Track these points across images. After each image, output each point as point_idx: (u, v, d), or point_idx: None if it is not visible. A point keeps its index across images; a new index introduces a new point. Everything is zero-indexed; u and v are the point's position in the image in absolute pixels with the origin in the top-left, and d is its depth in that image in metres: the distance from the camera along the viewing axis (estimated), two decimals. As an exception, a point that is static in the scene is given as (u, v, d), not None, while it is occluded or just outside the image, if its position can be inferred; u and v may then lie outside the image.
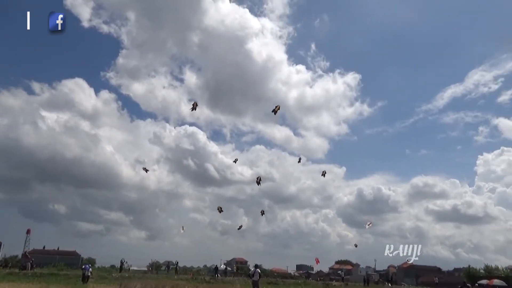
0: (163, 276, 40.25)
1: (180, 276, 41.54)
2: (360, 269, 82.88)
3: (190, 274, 48.26)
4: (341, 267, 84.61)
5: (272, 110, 20.65)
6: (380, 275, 71.75)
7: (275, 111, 20.57)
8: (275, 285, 35.92)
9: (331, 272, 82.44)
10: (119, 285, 25.32)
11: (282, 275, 59.60)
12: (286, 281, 43.24)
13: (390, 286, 14.99)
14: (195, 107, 20.82)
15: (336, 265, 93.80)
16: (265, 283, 34.50)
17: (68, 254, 79.06)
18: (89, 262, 57.14)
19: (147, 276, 38.27)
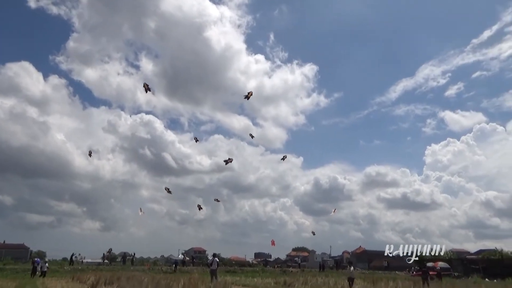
0: (118, 267, 39.28)
1: (136, 267, 40.76)
2: (316, 255, 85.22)
3: (147, 265, 47.49)
4: (297, 254, 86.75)
5: (245, 96, 20.45)
6: (335, 261, 74.15)
7: (247, 97, 20.38)
8: (233, 273, 36.18)
9: (288, 259, 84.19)
10: (71, 278, 24.42)
11: (240, 263, 60.01)
12: (244, 269, 43.68)
13: (352, 269, 15.98)
14: (147, 89, 20.15)
15: (293, 252, 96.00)
16: (223, 271, 34.67)
17: (16, 248, 75.03)
18: (38, 255, 54.63)
19: (101, 268, 37.15)
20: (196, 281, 15.72)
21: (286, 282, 21.99)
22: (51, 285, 19.98)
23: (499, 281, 26.19)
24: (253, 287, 19.10)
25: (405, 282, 21.21)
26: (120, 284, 17.24)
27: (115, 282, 18.55)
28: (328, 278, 25.47)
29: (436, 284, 21.57)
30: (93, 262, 49.24)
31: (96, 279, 19.73)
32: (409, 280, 23.35)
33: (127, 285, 16.30)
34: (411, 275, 40.89)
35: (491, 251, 57.02)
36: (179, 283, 14.90)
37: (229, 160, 20.80)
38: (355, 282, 19.57)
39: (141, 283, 15.96)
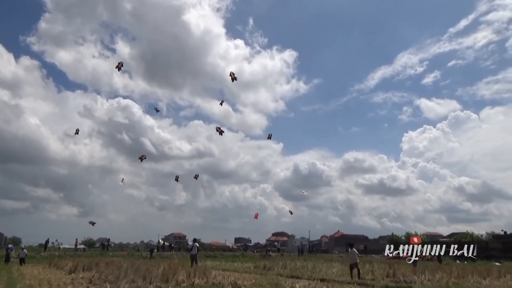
0: (97, 253, 38.91)
1: (116, 253, 40.48)
2: (295, 240, 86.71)
3: (127, 250, 47.23)
4: (277, 239, 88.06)
5: (232, 78, 20.16)
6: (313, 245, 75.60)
7: (233, 78, 20.11)
8: (213, 258, 36.42)
9: (268, 244, 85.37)
10: (48, 265, 24.05)
11: (220, 248, 60.51)
12: (224, 254, 44.02)
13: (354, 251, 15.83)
14: (120, 67, 19.70)
15: (273, 237, 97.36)
16: (204, 256, 34.85)
17: (-10, 234, 73.35)
18: (13, 241, 53.55)
19: (79, 254, 36.71)
20: (176, 266, 15.71)
21: (266, 266, 22.29)
22: (27, 271, 19.64)
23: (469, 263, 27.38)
24: (233, 271, 19.26)
25: (380, 265, 21.79)
26: (98, 269, 17.08)
27: (93, 268, 18.37)
28: (306, 262, 25.95)
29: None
30: (70, 248, 48.67)
31: (74, 265, 19.48)
32: (384, 263, 24.00)
33: (105, 270, 16.16)
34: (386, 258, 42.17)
35: (462, 234, 59.34)
36: (159, 269, 14.86)
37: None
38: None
39: (120, 269, 15.85)
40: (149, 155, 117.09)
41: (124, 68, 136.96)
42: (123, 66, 19.80)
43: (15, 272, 19.19)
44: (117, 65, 19.74)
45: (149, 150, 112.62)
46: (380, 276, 17.31)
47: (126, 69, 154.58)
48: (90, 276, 15.32)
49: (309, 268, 21.35)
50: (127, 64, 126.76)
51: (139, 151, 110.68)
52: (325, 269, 21.09)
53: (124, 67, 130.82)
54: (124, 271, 14.85)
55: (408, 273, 16.95)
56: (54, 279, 14.99)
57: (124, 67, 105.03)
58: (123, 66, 19.44)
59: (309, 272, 19.40)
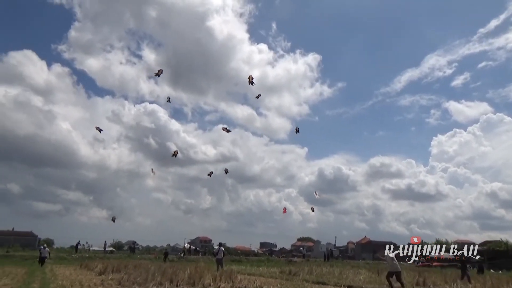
0: (125, 256, 39.79)
1: (143, 256, 41.26)
2: (321, 245, 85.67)
3: (154, 253, 48.03)
4: (302, 244, 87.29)
5: (249, 82, 20.33)
6: (340, 251, 74.60)
7: (250, 82, 20.26)
8: (239, 262, 36.49)
9: (293, 249, 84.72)
10: (79, 266, 24.77)
11: (245, 253, 60.58)
12: (249, 258, 44.05)
13: (393, 257, 13.93)
14: (159, 74, 20.20)
15: (298, 242, 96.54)
16: (229, 261, 34.97)
17: (24, 235, 76.06)
18: (46, 243, 55.41)
19: (108, 256, 37.64)
20: (202, 269, 15.86)
21: (291, 271, 22.13)
22: (59, 272, 20.30)
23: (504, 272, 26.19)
24: (258, 276, 19.23)
25: (410, 272, 21.23)
26: (127, 271, 17.44)
27: (122, 270, 18.77)
28: (333, 268, 25.60)
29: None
30: (99, 250, 49.97)
31: (104, 267, 19.98)
32: (413, 270, 23.39)
33: (134, 272, 16.49)
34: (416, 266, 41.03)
35: (496, 242, 56.91)
36: (185, 272, 15.04)
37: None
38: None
39: (148, 271, 16.14)
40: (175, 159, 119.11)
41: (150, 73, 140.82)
42: (162, 73, 20.32)
43: (48, 273, 19.87)
44: (157, 72, 20.24)
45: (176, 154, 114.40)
46: (410, 284, 16.88)
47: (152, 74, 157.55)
48: (119, 278, 15.68)
49: (336, 275, 21.04)
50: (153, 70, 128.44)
51: (165, 155, 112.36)
52: (352, 275, 20.72)
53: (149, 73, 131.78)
54: (152, 274, 15.10)
55: (439, 281, 16.46)
56: (85, 280, 15.42)
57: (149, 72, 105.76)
58: (160, 73, 19.94)
59: (336, 278, 19.12)
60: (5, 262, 28.85)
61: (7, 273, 17.99)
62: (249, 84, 20.61)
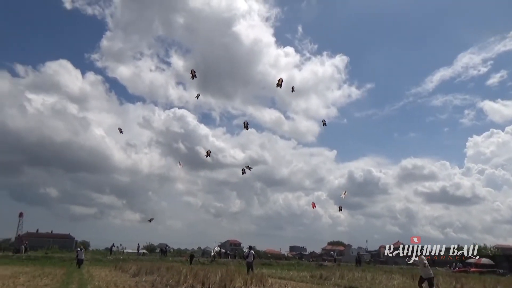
0: (157, 258, 40.59)
1: (175, 258, 41.94)
2: (352, 249, 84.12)
3: (185, 256, 48.69)
4: (333, 248, 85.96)
5: (277, 85, 20.35)
6: (371, 255, 72.94)
7: (279, 84, 20.27)
8: (269, 266, 36.41)
9: (324, 253, 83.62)
10: (114, 267, 25.50)
11: (275, 256, 60.33)
12: (279, 262, 43.87)
13: (425, 263, 12.65)
14: (194, 75, 20.54)
15: (329, 246, 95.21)
16: (259, 264, 34.97)
17: (62, 237, 79.11)
18: (83, 245, 57.30)
19: (141, 258, 38.51)
20: (233, 273, 15.94)
21: (322, 275, 21.87)
22: (96, 273, 20.98)
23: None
24: (289, 280, 19.14)
25: (446, 278, 20.50)
26: (160, 274, 17.78)
27: (155, 272, 19.15)
28: (365, 273, 25.07)
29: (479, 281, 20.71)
30: (133, 252, 51.21)
31: (137, 269, 20.48)
32: (450, 276, 22.57)
33: (166, 275, 16.80)
34: (453, 271, 39.53)
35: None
36: (216, 275, 15.16)
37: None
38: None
39: (180, 273, 16.38)
40: (204, 163, 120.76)
41: (179, 79, 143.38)
42: (195, 73, 20.66)
43: (85, 274, 20.56)
44: (191, 72, 20.61)
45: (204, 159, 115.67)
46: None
47: (181, 80, 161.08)
48: (152, 280, 16.05)
49: (368, 279, 20.60)
50: (181, 75, 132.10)
51: (194, 159, 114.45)
52: (385, 281, 20.23)
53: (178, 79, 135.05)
54: (184, 276, 15.32)
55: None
56: (120, 282, 15.87)
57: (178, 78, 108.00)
58: (193, 73, 20.29)
59: (368, 283, 18.75)
60: (45, 263, 30.09)
61: (47, 274, 18.75)
62: (277, 86, 20.57)
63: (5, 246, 59.83)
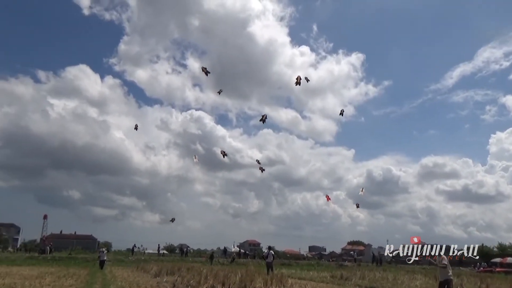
0: (177, 258, 41.03)
1: (195, 258, 42.33)
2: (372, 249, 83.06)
3: (204, 256, 49.08)
4: (353, 248, 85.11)
5: (295, 83, 20.25)
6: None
7: (298, 82, 20.16)
8: (288, 266, 36.34)
9: (344, 253, 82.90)
10: (135, 268, 25.92)
11: (295, 257, 60.19)
12: (299, 262, 43.73)
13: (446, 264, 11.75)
14: (206, 72, 20.70)
15: (348, 246, 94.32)
16: (279, 264, 34.95)
17: (85, 238, 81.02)
18: (105, 246, 58.43)
19: (162, 259, 39.00)
20: (252, 273, 15.97)
21: (343, 276, 21.69)
22: (118, 273, 21.37)
23: None
24: (309, 280, 19.06)
25: (470, 278, 20.06)
26: (180, 274, 17.98)
27: (176, 272, 19.38)
28: (386, 273, 24.74)
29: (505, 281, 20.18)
30: (154, 253, 51.94)
31: (159, 269, 20.77)
32: (474, 276, 22.06)
33: (187, 275, 16.97)
34: (477, 271, 38.63)
35: None
36: (236, 275, 15.23)
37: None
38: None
39: (200, 274, 16.53)
40: (222, 164, 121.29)
41: (195, 81, 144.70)
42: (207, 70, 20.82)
43: (108, 274, 20.98)
44: (203, 69, 20.79)
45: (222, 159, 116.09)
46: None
47: (197, 82, 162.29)
48: (173, 280, 16.25)
49: (390, 280, 20.33)
50: (197, 77, 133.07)
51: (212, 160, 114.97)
52: (407, 281, 19.93)
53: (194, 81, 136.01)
54: (204, 277, 15.45)
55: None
56: (142, 282, 16.14)
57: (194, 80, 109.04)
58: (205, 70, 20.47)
59: (390, 284, 18.51)
60: (69, 263, 30.83)
61: (72, 274, 19.20)
62: (296, 84, 20.44)
63: (31, 247, 61.70)
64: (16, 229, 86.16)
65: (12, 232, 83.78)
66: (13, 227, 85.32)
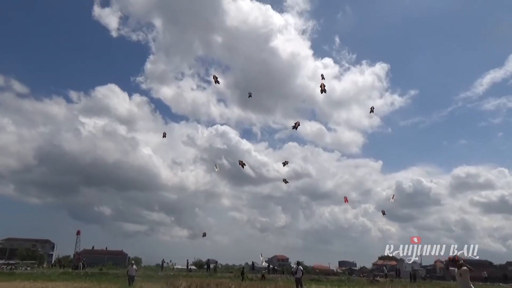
0: (206, 274, 41.04)
1: (223, 274, 42.20)
2: (405, 264, 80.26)
3: (233, 272, 48.84)
4: (385, 263, 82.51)
5: (321, 91, 20.22)
6: (427, 270, 69.26)
7: (323, 90, 20.12)
8: (318, 282, 35.58)
9: (375, 268, 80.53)
10: (165, 284, 26.08)
11: (324, 272, 58.99)
12: (329, 277, 42.76)
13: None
14: (216, 80, 21.05)
15: (380, 261, 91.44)
16: (308, 280, 34.28)
17: (116, 254, 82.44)
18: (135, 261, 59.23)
19: (191, 274, 39.12)
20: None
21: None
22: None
23: None
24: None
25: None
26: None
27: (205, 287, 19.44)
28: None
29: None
30: (183, 268, 52.16)
31: (188, 285, 20.86)
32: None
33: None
34: None
35: None
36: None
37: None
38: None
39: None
40: (248, 178, 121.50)
41: (220, 97, 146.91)
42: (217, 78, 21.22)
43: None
44: (214, 78, 21.15)
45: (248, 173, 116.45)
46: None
47: (222, 98, 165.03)
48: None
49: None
50: (222, 94, 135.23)
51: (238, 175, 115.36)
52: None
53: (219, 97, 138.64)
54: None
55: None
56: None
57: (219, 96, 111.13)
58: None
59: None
60: (101, 279, 31.39)
61: (104, 290, 19.55)
62: (321, 92, 20.42)
63: (65, 263, 63.36)
64: (51, 245, 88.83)
65: (47, 248, 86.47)
66: (48, 243, 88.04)
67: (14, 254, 72.60)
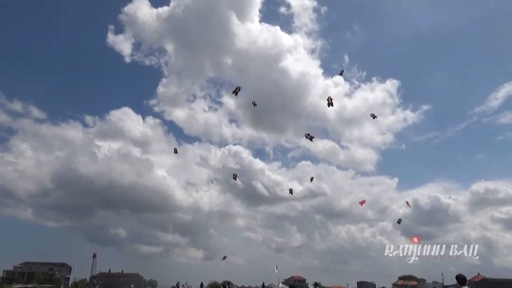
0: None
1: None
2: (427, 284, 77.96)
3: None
4: (405, 283, 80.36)
5: (328, 104, 20.29)
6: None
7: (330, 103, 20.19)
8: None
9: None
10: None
11: (343, 293, 57.63)
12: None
13: None
14: (237, 92, 21.33)
15: (400, 281, 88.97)
16: (327, 302, 33.52)
17: (132, 276, 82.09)
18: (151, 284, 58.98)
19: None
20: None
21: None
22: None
23: None
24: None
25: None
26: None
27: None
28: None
29: None
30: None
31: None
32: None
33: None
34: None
35: None
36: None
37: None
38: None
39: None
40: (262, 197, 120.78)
41: (231, 117, 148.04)
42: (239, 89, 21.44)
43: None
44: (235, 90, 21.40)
45: (262, 193, 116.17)
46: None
47: (233, 118, 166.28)
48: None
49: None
50: (234, 113, 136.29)
51: (252, 194, 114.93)
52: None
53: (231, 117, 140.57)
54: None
55: None
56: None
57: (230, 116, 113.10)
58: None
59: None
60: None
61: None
62: (329, 106, 20.54)
63: (82, 286, 63.43)
64: (67, 268, 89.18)
65: (64, 271, 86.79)
66: (65, 267, 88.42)
67: (32, 278, 73.12)
